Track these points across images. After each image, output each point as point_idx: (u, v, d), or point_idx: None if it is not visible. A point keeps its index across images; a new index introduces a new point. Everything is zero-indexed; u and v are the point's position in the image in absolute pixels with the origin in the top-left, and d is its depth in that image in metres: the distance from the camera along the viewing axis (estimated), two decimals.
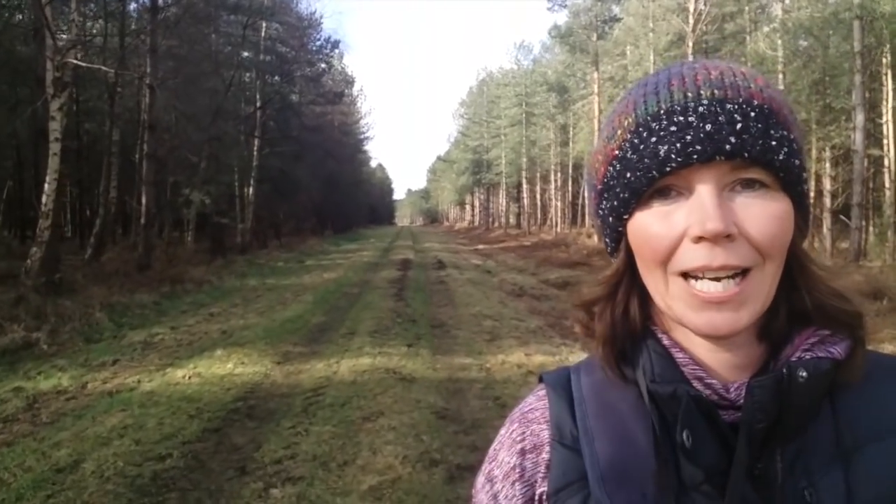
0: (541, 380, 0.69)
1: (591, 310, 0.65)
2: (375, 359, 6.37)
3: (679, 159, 0.53)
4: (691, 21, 19.32)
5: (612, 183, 0.59)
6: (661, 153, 0.54)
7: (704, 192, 0.53)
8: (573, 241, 27.60)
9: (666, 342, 0.60)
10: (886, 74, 17.32)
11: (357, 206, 60.23)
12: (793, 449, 0.54)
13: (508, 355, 6.66)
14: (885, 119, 17.48)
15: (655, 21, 21.51)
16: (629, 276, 0.62)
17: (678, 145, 0.53)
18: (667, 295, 0.56)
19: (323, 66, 31.11)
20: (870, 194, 19.19)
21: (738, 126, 0.53)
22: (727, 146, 0.52)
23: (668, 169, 0.54)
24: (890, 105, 17.09)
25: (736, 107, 0.53)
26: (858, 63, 14.22)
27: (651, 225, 0.56)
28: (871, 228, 18.84)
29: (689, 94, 0.54)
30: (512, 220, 53.19)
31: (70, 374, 6.05)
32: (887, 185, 17.81)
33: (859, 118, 14.44)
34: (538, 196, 46.48)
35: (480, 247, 31.11)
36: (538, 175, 44.77)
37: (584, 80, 30.58)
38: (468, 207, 76.38)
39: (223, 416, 4.62)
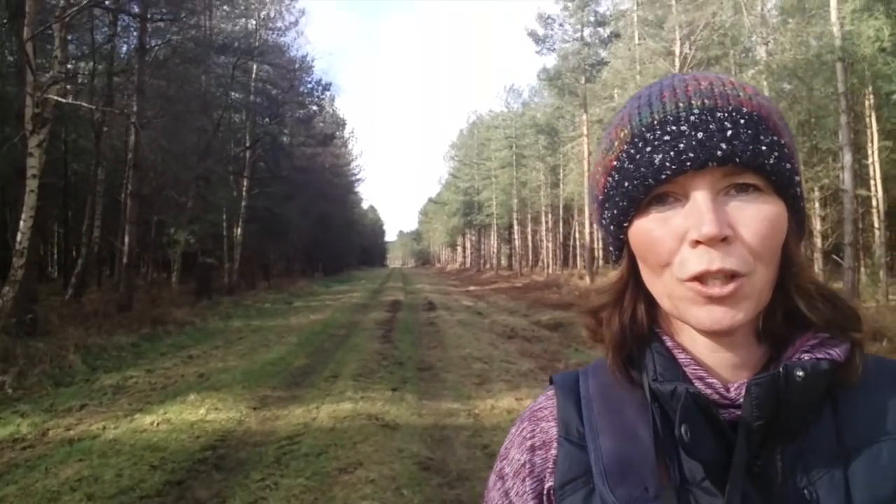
0: (551, 381, 0.72)
1: (599, 316, 0.67)
2: (357, 404, 6.03)
3: (673, 167, 0.55)
4: (677, 63, 19.58)
5: (611, 193, 0.61)
6: (656, 162, 0.56)
7: (700, 197, 0.55)
8: (565, 283, 27.41)
9: (669, 343, 0.63)
10: (870, 116, 17.53)
11: (348, 248, 60.08)
12: (794, 448, 0.56)
13: (498, 400, 6.34)
14: (870, 160, 17.62)
15: (642, 64, 21.80)
16: (634, 281, 0.65)
17: (672, 153, 0.55)
18: (673, 296, 0.58)
19: (314, 108, 31.34)
20: (860, 234, 19.20)
21: (729, 133, 0.55)
22: (719, 152, 0.54)
23: (663, 177, 0.56)
24: (876, 145, 17.24)
25: (726, 115, 0.56)
26: (843, 104, 14.33)
27: (651, 231, 0.58)
28: (862, 269, 18.78)
29: (681, 105, 0.57)
30: (503, 262, 53.05)
31: (31, 420, 5.67)
32: (876, 224, 17.85)
33: (847, 158, 14.48)
34: (529, 237, 46.50)
35: (472, 288, 30.84)
36: (529, 216, 44.88)
37: (573, 123, 30.88)
38: (459, 249, 76.33)
39: (188, 468, 4.26)
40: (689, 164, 0.55)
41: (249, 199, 23.93)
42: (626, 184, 0.59)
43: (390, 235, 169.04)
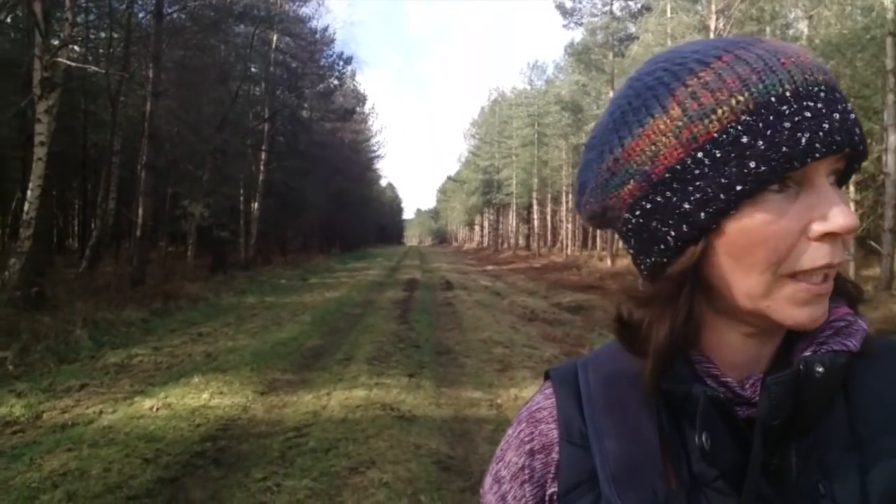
0: (547, 377, 0.67)
1: (636, 319, 0.58)
2: (371, 391, 5.62)
3: (823, 149, 0.49)
4: (712, 38, 18.72)
5: (700, 171, 0.51)
6: (803, 142, 0.49)
7: (826, 185, 0.51)
8: (584, 264, 26.91)
9: None
10: None
11: (365, 225, 59.81)
12: (807, 442, 0.54)
13: (522, 389, 5.91)
14: None
15: (674, 39, 20.92)
16: (692, 277, 0.55)
17: (820, 134, 0.49)
18: (766, 297, 0.52)
19: (334, 81, 30.77)
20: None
21: (852, 115, 0.51)
22: (855, 137, 0.51)
23: (809, 160, 0.49)
24: None
25: (839, 94, 0.52)
26: (892, 81, 13.48)
27: (772, 222, 0.51)
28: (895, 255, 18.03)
29: (808, 78, 0.51)
30: (521, 242, 52.44)
31: (28, 400, 5.34)
32: None
33: (892, 139, 13.65)
34: (549, 217, 45.78)
35: (489, 268, 30.42)
36: (549, 196, 44.12)
37: (598, 100, 30.02)
38: (477, 228, 75.78)
39: (185, 462, 3.88)
40: (834, 147, 0.49)
41: (267, 173, 23.55)
42: (752, 163, 0.49)
43: (408, 213, 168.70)
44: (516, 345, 8.49)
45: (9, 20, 16.03)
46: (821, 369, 0.52)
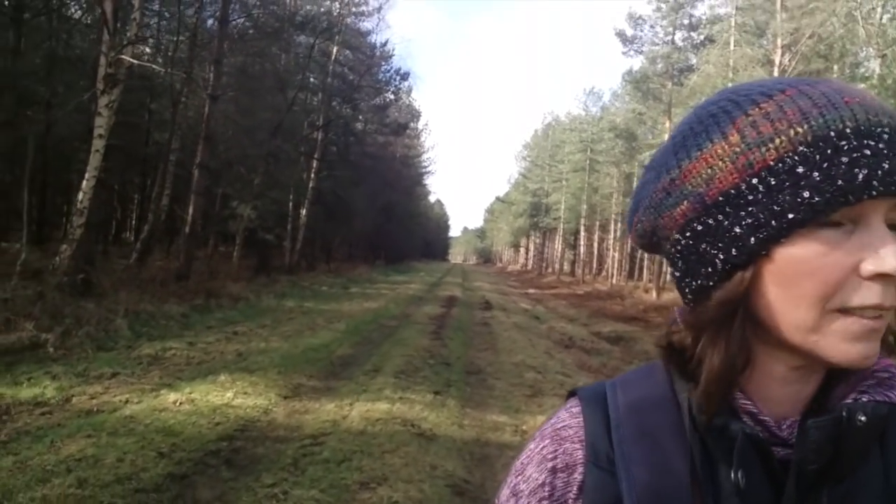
0: (572, 394, 0.67)
1: (685, 347, 0.58)
2: (394, 405, 5.52)
3: (881, 188, 0.50)
4: (776, 73, 18.19)
5: (753, 197, 0.52)
6: (860, 178, 0.50)
7: (882, 225, 0.51)
8: (629, 294, 26.38)
9: None
10: None
11: (411, 239, 60.16)
12: (841, 490, 0.53)
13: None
14: None
15: (736, 72, 20.42)
16: (744, 304, 0.55)
17: (879, 172, 0.50)
18: (815, 331, 0.52)
19: (390, 96, 31.22)
20: None
21: None
22: None
23: (865, 196, 0.50)
24: None
25: None
26: None
27: (824, 255, 0.51)
28: None
29: (871, 118, 0.51)
30: (566, 267, 51.82)
31: (60, 384, 5.45)
32: None
33: None
34: (595, 244, 45.12)
35: (531, 291, 30.12)
36: (597, 223, 43.51)
37: (654, 129, 29.52)
38: (523, 250, 75.37)
39: (197, 459, 3.84)
40: (893, 188, 0.49)
41: (317, 180, 23.93)
42: (806, 194, 0.50)
43: (455, 231, 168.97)
44: (549, 371, 8.27)
45: (89, 21, 16.86)
46: (863, 418, 0.51)
